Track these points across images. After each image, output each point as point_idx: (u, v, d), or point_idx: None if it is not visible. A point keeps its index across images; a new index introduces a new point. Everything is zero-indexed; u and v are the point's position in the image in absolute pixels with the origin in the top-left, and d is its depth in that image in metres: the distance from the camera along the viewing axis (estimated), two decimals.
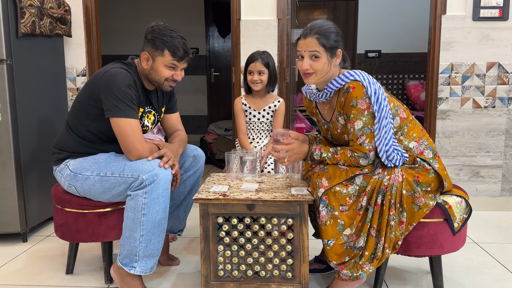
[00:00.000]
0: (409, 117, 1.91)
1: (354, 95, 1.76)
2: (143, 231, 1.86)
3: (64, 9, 3.00)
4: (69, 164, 2.01)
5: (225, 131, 4.95)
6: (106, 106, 1.90)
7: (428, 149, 1.86)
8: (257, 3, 3.13)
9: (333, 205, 1.80)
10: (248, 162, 2.15)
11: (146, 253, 1.89)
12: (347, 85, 1.79)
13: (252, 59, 2.51)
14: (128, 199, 1.88)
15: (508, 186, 3.18)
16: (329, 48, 1.81)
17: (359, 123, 1.78)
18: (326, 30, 1.82)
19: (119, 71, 1.92)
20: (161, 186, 1.86)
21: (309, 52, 1.81)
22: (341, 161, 1.84)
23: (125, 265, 1.91)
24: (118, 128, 1.90)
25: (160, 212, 1.88)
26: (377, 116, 1.77)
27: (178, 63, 1.97)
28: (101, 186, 1.93)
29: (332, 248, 1.81)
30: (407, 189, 1.79)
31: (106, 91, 1.89)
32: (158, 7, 6.27)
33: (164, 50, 1.94)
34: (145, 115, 2.08)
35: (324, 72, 1.83)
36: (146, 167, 1.86)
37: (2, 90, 2.48)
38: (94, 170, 1.95)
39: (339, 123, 1.88)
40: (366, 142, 1.79)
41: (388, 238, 1.79)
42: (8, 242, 2.66)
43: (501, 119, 3.12)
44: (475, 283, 2.13)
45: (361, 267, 1.81)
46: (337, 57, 1.85)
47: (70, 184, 2.00)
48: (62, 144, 2.06)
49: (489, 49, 3.06)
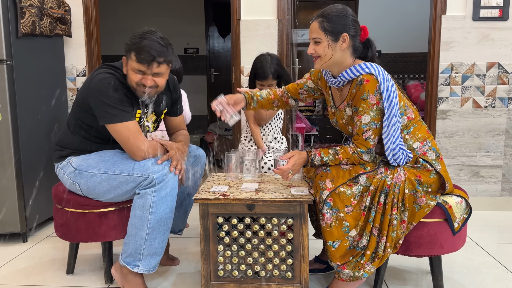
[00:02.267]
0: (417, 118, 1.91)
1: (367, 88, 1.75)
2: (149, 229, 1.87)
3: (64, 9, 3.00)
4: (72, 161, 2.00)
5: (225, 131, 4.96)
6: (99, 114, 1.88)
7: (431, 151, 1.86)
8: (257, 3, 3.13)
9: (338, 206, 1.78)
10: (247, 161, 2.15)
11: (151, 251, 1.90)
12: (361, 77, 1.77)
13: (262, 76, 2.45)
14: (136, 197, 1.89)
15: (508, 186, 3.18)
16: (330, 32, 1.78)
17: (366, 117, 1.77)
18: (329, 13, 1.80)
19: (104, 77, 1.88)
20: (170, 185, 1.88)
21: (312, 37, 1.82)
22: (344, 160, 1.82)
23: (128, 263, 1.91)
24: (116, 133, 1.89)
25: (167, 211, 1.90)
26: (387, 113, 1.76)
27: (145, 67, 1.84)
28: (107, 184, 1.93)
29: (337, 249, 1.80)
30: (409, 188, 1.78)
31: (94, 99, 1.87)
32: (158, 7, 6.27)
33: (131, 53, 1.86)
34: (145, 115, 2.07)
35: (327, 57, 1.81)
36: (157, 166, 1.88)
37: (2, 90, 2.48)
38: (101, 168, 1.94)
39: (346, 113, 1.87)
40: (372, 138, 1.79)
41: (390, 237, 1.79)
42: (8, 242, 2.66)
43: (501, 119, 3.12)
44: (475, 283, 2.13)
45: (362, 266, 1.81)
46: (343, 41, 1.80)
47: (74, 181, 1.99)
48: (64, 142, 2.06)
49: (489, 49, 3.06)
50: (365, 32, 1.86)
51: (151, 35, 1.86)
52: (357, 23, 1.83)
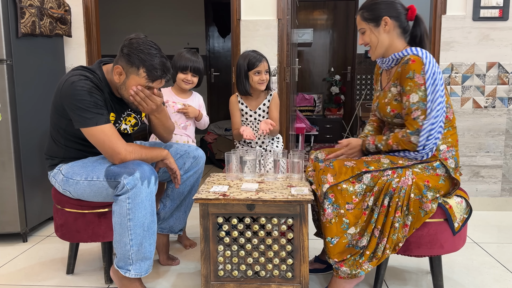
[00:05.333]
0: (454, 122, 1.91)
1: (413, 67, 1.78)
2: (131, 235, 1.83)
3: (64, 9, 3.00)
4: (62, 168, 1.98)
5: (225, 131, 4.96)
6: (73, 117, 1.84)
7: (453, 159, 1.86)
8: (257, 3, 3.13)
9: (339, 203, 1.80)
10: (248, 161, 2.15)
11: (139, 256, 1.87)
12: (408, 57, 1.81)
13: (258, 59, 2.46)
14: (113, 204, 1.84)
15: (508, 186, 3.18)
16: (369, 19, 1.90)
17: (414, 96, 1.78)
18: (367, 3, 1.94)
19: (78, 79, 1.82)
20: (144, 190, 1.81)
21: (358, 29, 1.96)
22: (394, 144, 1.85)
23: (120, 267, 1.89)
24: (91, 137, 1.85)
25: (147, 215, 1.84)
26: (429, 97, 1.77)
27: (153, 83, 1.86)
28: (90, 190, 1.90)
29: (335, 246, 1.81)
30: (415, 193, 1.78)
31: (68, 103, 1.83)
32: (158, 7, 6.28)
33: (139, 69, 1.82)
34: (123, 118, 2.03)
35: (374, 42, 1.92)
36: (128, 169, 1.80)
37: (2, 90, 2.48)
38: (83, 175, 1.90)
39: (390, 93, 1.90)
40: (421, 118, 1.78)
41: (390, 239, 1.79)
42: (8, 242, 2.66)
43: (501, 119, 3.12)
44: (475, 283, 2.13)
45: (360, 265, 1.81)
46: (385, 24, 1.89)
47: (64, 189, 1.97)
48: (51, 151, 2.03)
49: (489, 49, 3.06)
50: (412, 10, 1.91)
51: (154, 49, 1.84)
52: (397, 4, 1.91)
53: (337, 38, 6.49)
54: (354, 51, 6.40)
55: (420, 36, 1.92)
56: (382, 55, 1.95)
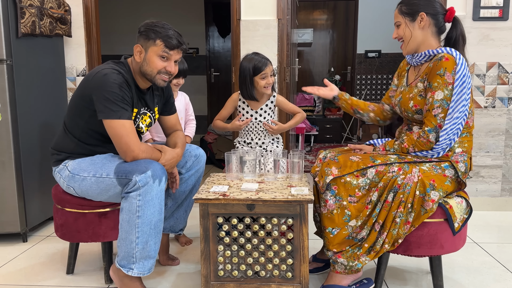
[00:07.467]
0: (472, 129, 1.92)
1: (445, 65, 1.78)
2: (138, 233, 1.84)
3: (64, 9, 3.00)
4: (68, 164, 2.00)
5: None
6: (98, 107, 1.87)
7: (463, 164, 1.87)
8: (257, 3, 3.13)
9: (341, 195, 1.82)
10: (248, 162, 2.15)
11: (143, 255, 1.88)
12: (442, 54, 1.82)
13: (263, 63, 2.44)
14: (123, 201, 1.86)
15: (508, 186, 3.18)
16: (407, 13, 1.90)
17: (440, 93, 1.79)
18: None
19: (110, 72, 1.89)
20: (155, 188, 1.84)
21: (394, 22, 1.97)
22: (410, 147, 1.86)
23: (123, 266, 1.89)
24: (111, 130, 1.87)
25: (156, 214, 1.86)
26: (454, 98, 1.78)
27: (171, 52, 1.95)
28: (97, 187, 1.92)
29: (335, 236, 1.83)
30: (420, 191, 1.78)
31: (97, 93, 1.87)
32: (158, 7, 6.28)
33: (156, 40, 1.92)
34: (140, 116, 2.05)
35: (408, 37, 1.92)
36: (140, 167, 1.83)
37: (2, 90, 2.48)
38: (91, 171, 1.93)
39: (416, 88, 1.91)
40: (440, 116, 1.79)
41: (390, 234, 1.79)
42: (8, 242, 2.66)
43: (501, 119, 3.12)
44: (475, 283, 2.13)
45: (358, 257, 1.83)
46: (421, 20, 1.89)
47: (68, 185, 1.98)
48: (60, 145, 2.05)
49: (489, 49, 3.06)
50: (451, 12, 1.91)
51: (168, 25, 1.97)
52: (436, 3, 1.91)
53: (337, 38, 6.49)
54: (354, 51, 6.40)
55: (455, 38, 1.92)
56: (414, 51, 1.95)
